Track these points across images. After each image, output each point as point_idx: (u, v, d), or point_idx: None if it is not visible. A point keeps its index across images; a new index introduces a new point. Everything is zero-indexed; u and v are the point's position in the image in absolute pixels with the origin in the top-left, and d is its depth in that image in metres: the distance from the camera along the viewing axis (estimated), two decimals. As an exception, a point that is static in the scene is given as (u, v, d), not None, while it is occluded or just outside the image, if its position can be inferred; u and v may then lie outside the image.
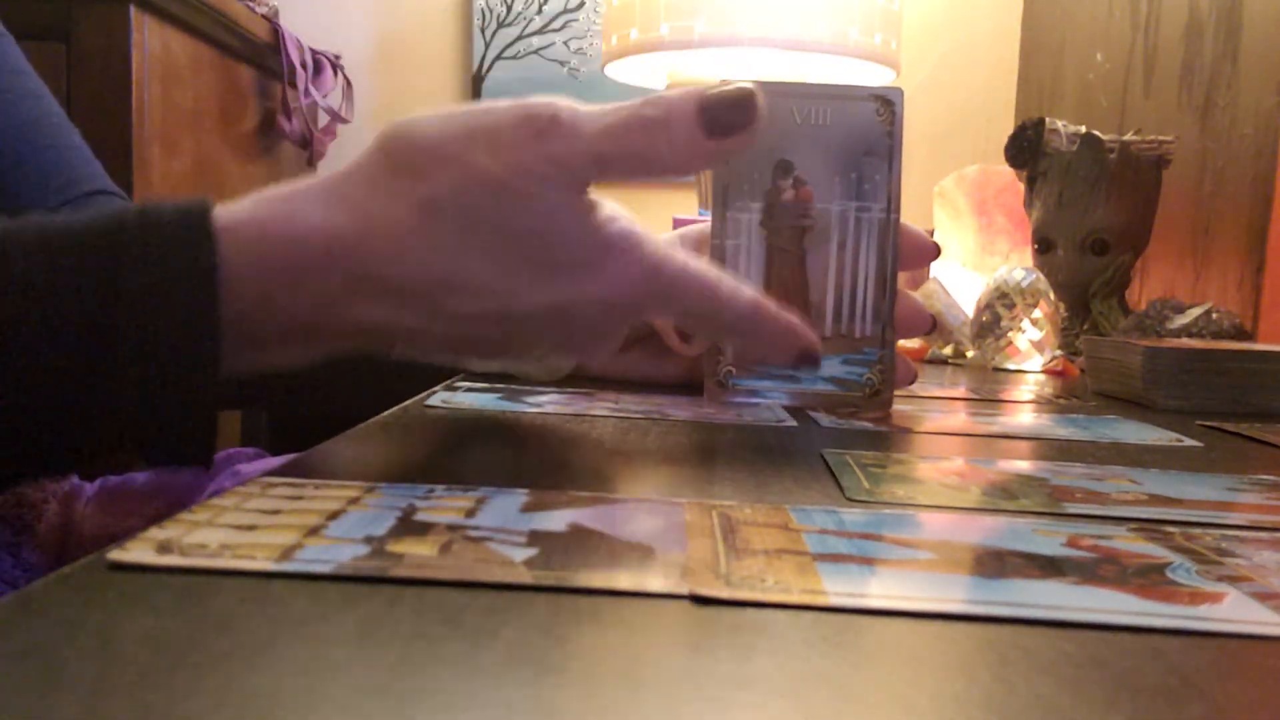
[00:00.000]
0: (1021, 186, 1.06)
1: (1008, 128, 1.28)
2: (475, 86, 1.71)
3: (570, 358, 0.39)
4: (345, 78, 1.65)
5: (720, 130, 0.35)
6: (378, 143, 0.34)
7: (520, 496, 0.27)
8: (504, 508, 0.26)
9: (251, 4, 1.43)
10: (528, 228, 0.33)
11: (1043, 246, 1.02)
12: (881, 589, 0.21)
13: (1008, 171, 1.09)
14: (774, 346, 0.38)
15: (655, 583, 0.20)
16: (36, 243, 0.31)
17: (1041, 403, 0.61)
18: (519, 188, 0.33)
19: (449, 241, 0.33)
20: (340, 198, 0.33)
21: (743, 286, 0.37)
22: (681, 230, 0.58)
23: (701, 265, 0.37)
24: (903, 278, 0.50)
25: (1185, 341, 0.70)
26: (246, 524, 0.23)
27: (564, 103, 0.34)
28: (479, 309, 0.34)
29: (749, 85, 0.36)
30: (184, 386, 0.31)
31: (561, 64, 1.70)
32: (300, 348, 0.35)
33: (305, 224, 0.33)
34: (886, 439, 0.42)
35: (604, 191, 0.36)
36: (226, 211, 0.33)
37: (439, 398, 0.46)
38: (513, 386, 0.51)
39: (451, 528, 0.24)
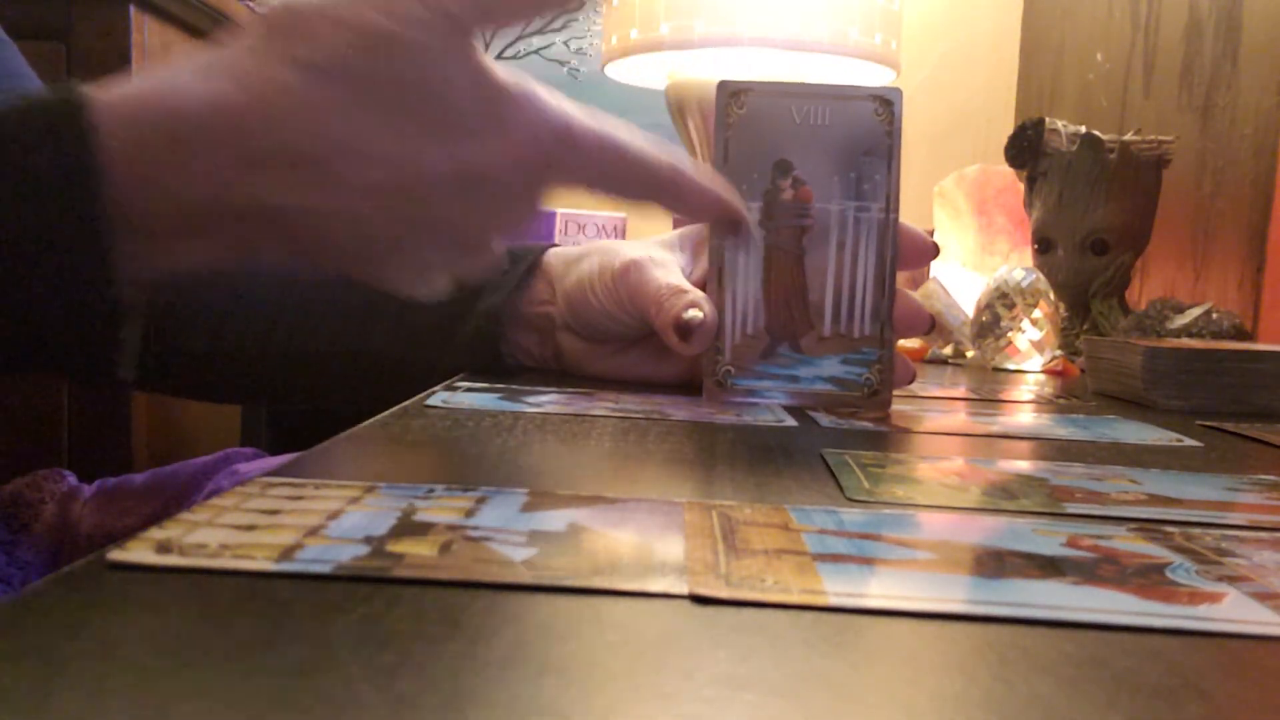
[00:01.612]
0: (1021, 186, 1.06)
1: (1008, 128, 1.28)
2: (475, 86, 1.71)
3: (488, 236, 0.37)
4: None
5: None
6: (259, 15, 0.33)
7: (520, 496, 0.27)
8: (504, 508, 0.26)
9: (251, 4, 1.43)
10: (416, 79, 0.32)
11: (1043, 246, 1.02)
12: (881, 589, 0.21)
13: (1008, 171, 1.09)
14: (698, 211, 0.37)
15: (655, 583, 0.20)
16: None
17: (1041, 403, 0.61)
18: (402, 37, 0.32)
19: (337, 102, 0.32)
20: (222, 66, 0.32)
21: (658, 151, 0.36)
22: (681, 230, 0.58)
23: (611, 123, 0.35)
24: (902, 278, 0.50)
25: (1185, 341, 0.70)
26: (246, 524, 0.23)
27: None
28: (382, 176, 0.32)
29: None
30: (78, 277, 0.30)
31: (561, 64, 1.70)
32: (202, 240, 0.33)
33: (186, 93, 0.31)
34: (886, 439, 0.42)
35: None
36: (103, 90, 0.31)
37: (439, 398, 0.46)
38: (513, 386, 0.51)
39: (451, 528, 0.24)
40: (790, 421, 0.45)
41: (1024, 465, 0.38)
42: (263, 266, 0.35)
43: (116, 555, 0.20)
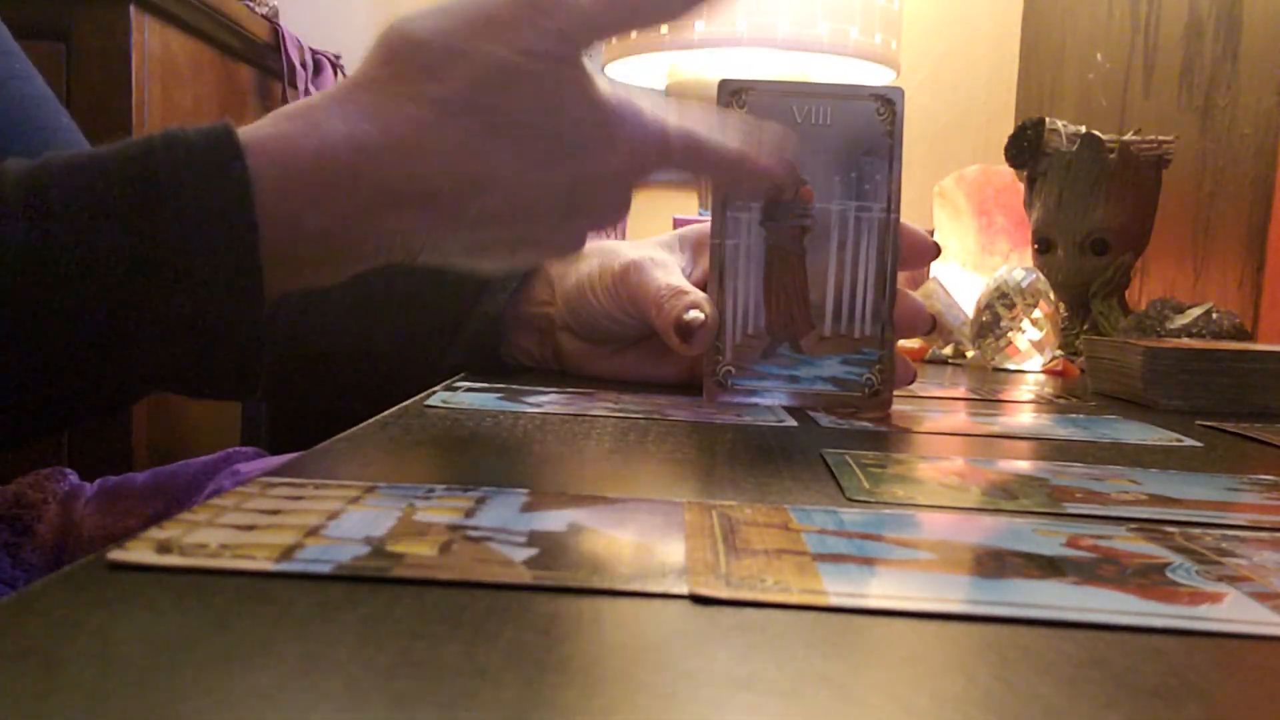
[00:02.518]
0: (1021, 186, 1.06)
1: (1008, 128, 1.27)
2: (475, 86, 1.71)
3: (583, 235, 0.39)
4: (345, 77, 1.64)
5: None
6: (380, 47, 0.34)
7: (520, 496, 0.27)
8: (504, 508, 0.26)
9: (251, 4, 1.43)
10: (541, 109, 0.33)
11: (1043, 246, 1.02)
12: (881, 589, 0.21)
13: (1008, 171, 1.09)
14: (752, 189, 0.41)
15: (655, 583, 0.20)
16: (65, 171, 0.31)
17: (1041, 403, 0.61)
18: (528, 70, 0.33)
19: (471, 139, 0.33)
20: (359, 107, 0.33)
21: (732, 136, 0.39)
22: (681, 230, 0.58)
23: (693, 121, 0.38)
24: (903, 278, 0.50)
25: (1185, 341, 0.70)
26: (246, 524, 0.23)
27: None
28: (501, 205, 0.34)
29: None
30: (230, 308, 0.31)
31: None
32: (329, 267, 0.35)
33: (330, 135, 0.32)
34: (886, 439, 0.42)
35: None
36: (249, 131, 0.32)
37: (439, 398, 0.46)
38: (513, 386, 0.51)
39: (451, 528, 0.24)
40: (790, 421, 0.45)
41: (1024, 465, 0.38)
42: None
43: (117, 555, 0.20)
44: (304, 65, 1.53)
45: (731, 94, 0.47)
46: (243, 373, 0.33)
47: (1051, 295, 0.86)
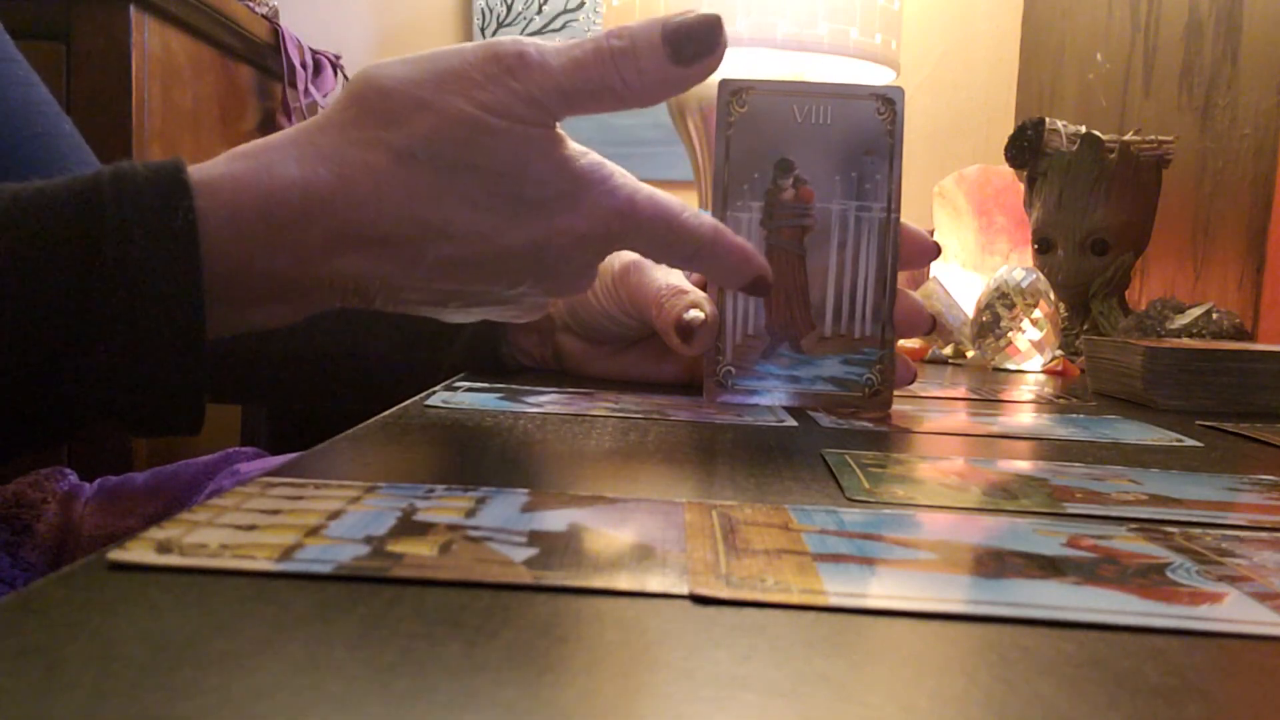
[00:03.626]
0: (1021, 186, 1.06)
1: (1008, 128, 1.27)
2: (475, 86, 1.71)
3: (548, 295, 0.39)
4: (345, 78, 1.65)
5: (687, 57, 0.35)
6: (346, 92, 0.34)
7: (520, 496, 0.27)
8: (504, 507, 0.26)
9: (251, 4, 1.43)
10: (503, 165, 0.33)
11: (1043, 246, 1.02)
12: (881, 589, 0.21)
13: (1008, 171, 1.09)
14: (731, 273, 0.39)
15: (655, 583, 0.20)
16: (10, 206, 0.31)
17: (1041, 403, 0.61)
18: (492, 126, 0.33)
19: (426, 187, 0.33)
20: (315, 149, 0.33)
21: (702, 215, 0.38)
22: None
23: (663, 196, 0.37)
24: (903, 278, 0.50)
25: (1185, 341, 0.70)
26: (246, 524, 0.23)
27: (529, 40, 0.34)
28: (459, 253, 0.34)
29: (713, 13, 0.36)
30: (171, 348, 0.31)
31: (561, 64, 1.70)
32: (280, 305, 0.34)
33: (282, 178, 0.32)
34: (886, 439, 0.42)
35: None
36: (200, 170, 0.32)
37: (439, 398, 0.46)
38: (513, 386, 0.51)
39: (451, 528, 0.24)
40: (790, 421, 0.45)
41: (1024, 465, 0.38)
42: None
43: (117, 555, 0.20)
44: (304, 65, 1.53)
45: (732, 94, 0.47)
46: (183, 409, 0.33)
47: (1051, 295, 0.86)
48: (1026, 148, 1.01)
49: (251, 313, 0.34)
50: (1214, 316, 0.81)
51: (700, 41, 0.35)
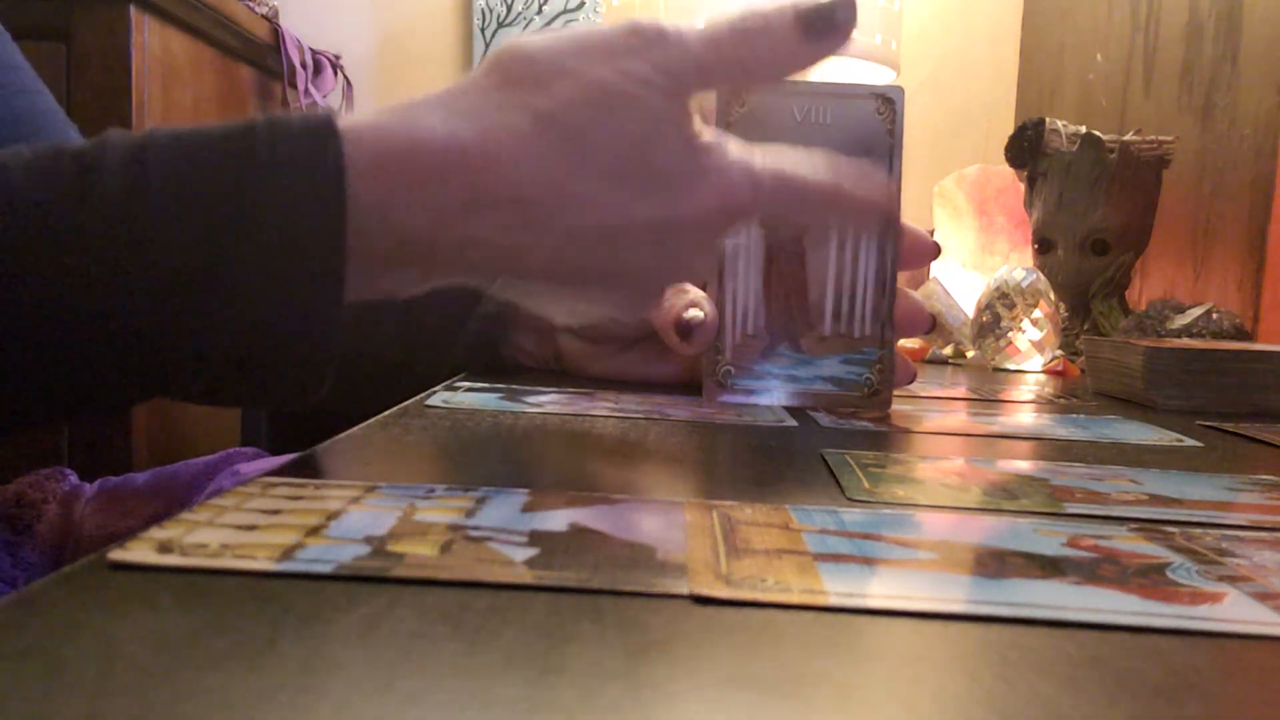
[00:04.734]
0: (1021, 186, 1.06)
1: (1008, 128, 1.28)
2: (475, 86, 1.71)
3: (667, 280, 0.39)
4: (345, 78, 1.65)
5: (818, 31, 0.36)
6: (491, 59, 0.35)
7: (520, 496, 0.27)
8: (504, 507, 0.26)
9: (251, 4, 1.43)
10: (637, 133, 0.34)
11: (1043, 246, 1.02)
12: (881, 589, 0.21)
13: (1008, 171, 1.09)
14: (861, 221, 0.40)
15: (655, 583, 0.20)
16: (168, 137, 0.32)
17: (1041, 403, 0.61)
18: (631, 93, 0.34)
19: (564, 151, 0.33)
20: (459, 108, 0.34)
21: (824, 170, 0.38)
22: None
23: (785, 158, 0.37)
24: (903, 278, 0.50)
25: (1185, 341, 0.70)
26: (247, 524, 0.23)
27: (668, 20, 0.35)
28: (589, 222, 0.34)
29: None
30: (311, 290, 0.31)
31: (561, 64, 1.69)
32: (408, 272, 0.35)
33: (426, 130, 0.33)
34: (886, 439, 0.42)
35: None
36: (347, 119, 0.33)
37: (439, 398, 0.46)
38: (513, 386, 0.51)
39: (452, 528, 0.24)
40: (790, 421, 0.45)
41: (1024, 465, 0.38)
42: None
43: (118, 555, 0.20)
44: (304, 65, 1.53)
45: (732, 92, 0.47)
46: (309, 369, 0.33)
47: (1051, 295, 0.86)
48: (1026, 148, 1.01)
49: (385, 274, 0.34)
50: (1214, 316, 0.81)
51: (829, 19, 0.36)
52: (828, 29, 0.36)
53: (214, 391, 0.33)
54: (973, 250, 1.15)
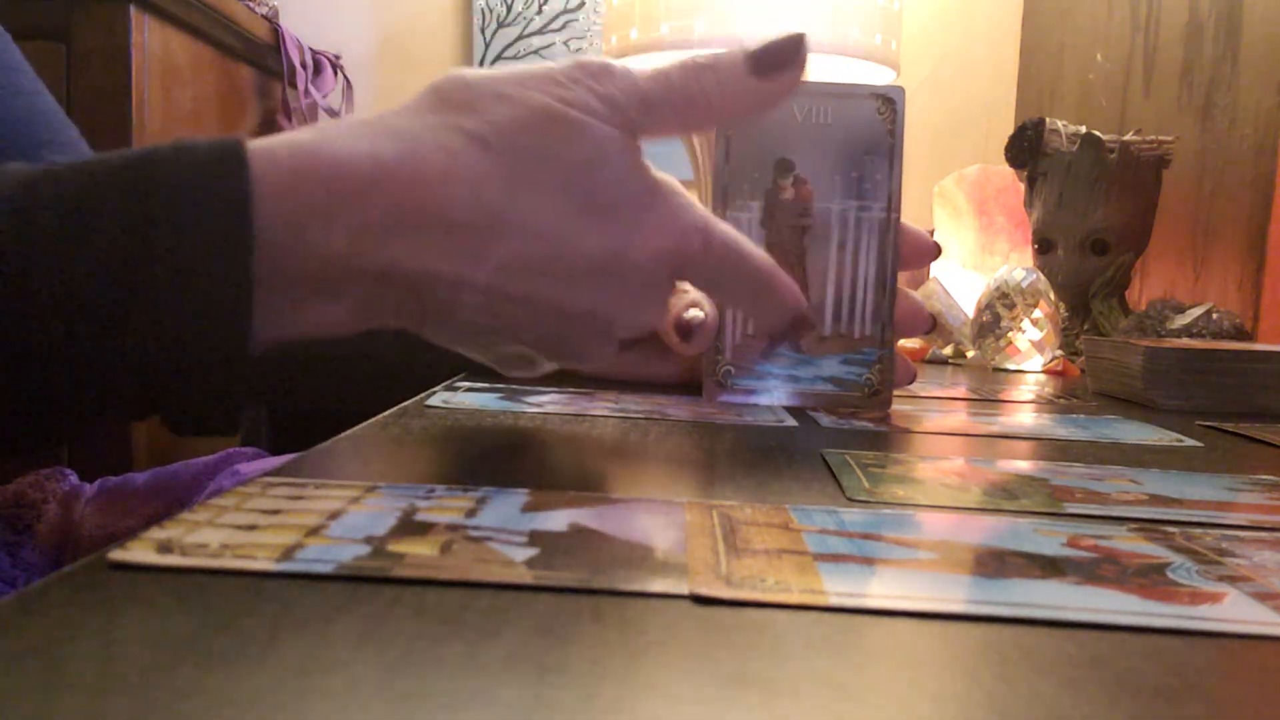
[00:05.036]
0: (1021, 186, 1.06)
1: (1008, 128, 1.28)
2: (475, 86, 1.71)
3: (612, 330, 0.36)
4: (345, 78, 1.65)
5: (767, 67, 0.35)
6: (428, 86, 0.34)
7: (520, 496, 0.27)
8: (504, 508, 0.26)
9: (251, 4, 1.43)
10: (577, 160, 0.33)
11: (1043, 246, 1.02)
12: (881, 589, 0.21)
13: (1008, 171, 1.09)
14: (780, 312, 0.38)
15: (655, 583, 0.20)
16: (66, 167, 0.31)
17: (1041, 403, 0.61)
18: (569, 118, 0.33)
19: (498, 173, 0.32)
20: (387, 127, 0.32)
21: (761, 255, 0.37)
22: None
23: (734, 231, 0.36)
24: (903, 278, 0.50)
25: (1185, 341, 0.70)
26: (247, 524, 0.23)
27: (617, 60, 0.35)
28: (528, 252, 0.32)
29: (796, 32, 0.36)
30: (216, 318, 0.30)
31: (561, 64, 1.69)
32: (332, 304, 0.33)
33: (346, 148, 0.31)
34: (886, 439, 0.42)
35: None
36: (264, 140, 0.31)
37: (439, 398, 0.46)
38: (513, 386, 0.51)
39: (452, 528, 0.24)
40: (790, 421, 0.45)
41: (1024, 465, 0.38)
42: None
43: (118, 555, 0.20)
44: (304, 65, 1.53)
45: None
46: (220, 400, 0.31)
47: (1051, 295, 0.86)
48: (1026, 148, 1.01)
49: (305, 309, 0.32)
50: (1214, 316, 0.81)
51: (778, 54, 0.35)
52: (778, 64, 0.35)
53: (134, 418, 0.32)
54: (973, 250, 1.15)
